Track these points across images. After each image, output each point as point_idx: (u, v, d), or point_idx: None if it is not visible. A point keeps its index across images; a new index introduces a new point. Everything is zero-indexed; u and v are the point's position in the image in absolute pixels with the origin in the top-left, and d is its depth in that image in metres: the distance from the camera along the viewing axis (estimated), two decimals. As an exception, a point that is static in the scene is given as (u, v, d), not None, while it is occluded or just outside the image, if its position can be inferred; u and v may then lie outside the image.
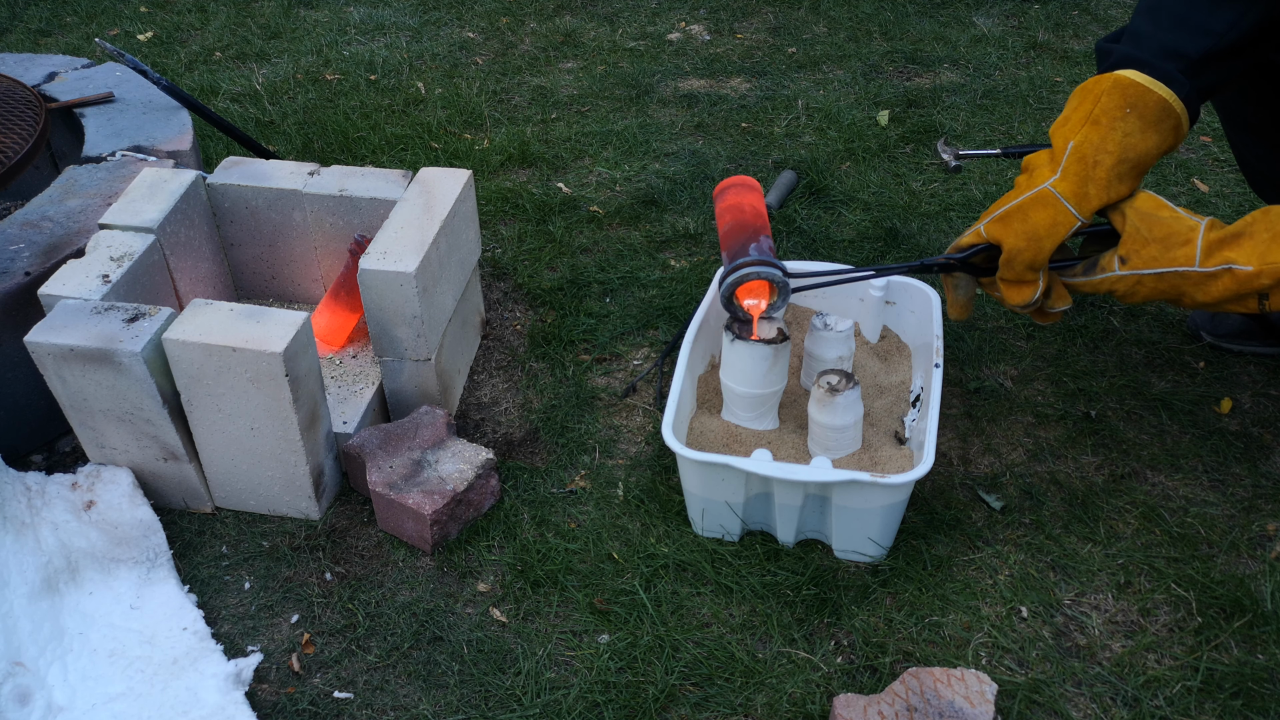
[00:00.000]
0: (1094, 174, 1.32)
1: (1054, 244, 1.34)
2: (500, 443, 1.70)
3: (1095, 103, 1.33)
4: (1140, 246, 1.31)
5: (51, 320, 1.44)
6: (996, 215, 1.38)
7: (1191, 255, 1.28)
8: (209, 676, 1.32)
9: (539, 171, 2.40)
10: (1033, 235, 1.34)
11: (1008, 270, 1.38)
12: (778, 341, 1.51)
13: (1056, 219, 1.33)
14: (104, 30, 3.23)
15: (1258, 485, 1.57)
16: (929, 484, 1.59)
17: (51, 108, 1.98)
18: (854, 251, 2.07)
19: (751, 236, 1.49)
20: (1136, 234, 1.32)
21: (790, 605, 1.43)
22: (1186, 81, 1.31)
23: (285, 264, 1.86)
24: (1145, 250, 1.31)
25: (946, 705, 1.22)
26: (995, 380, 1.77)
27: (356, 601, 1.45)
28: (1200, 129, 2.42)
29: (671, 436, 1.43)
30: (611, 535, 1.53)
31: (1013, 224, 1.36)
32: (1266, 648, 1.35)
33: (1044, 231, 1.34)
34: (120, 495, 1.51)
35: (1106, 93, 1.32)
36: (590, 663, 1.36)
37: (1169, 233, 1.30)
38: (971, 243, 1.43)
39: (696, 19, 3.16)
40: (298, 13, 3.31)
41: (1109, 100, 1.32)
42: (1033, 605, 1.42)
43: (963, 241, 1.45)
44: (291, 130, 2.57)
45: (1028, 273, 1.37)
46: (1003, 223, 1.37)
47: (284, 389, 1.41)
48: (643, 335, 1.90)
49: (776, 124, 2.56)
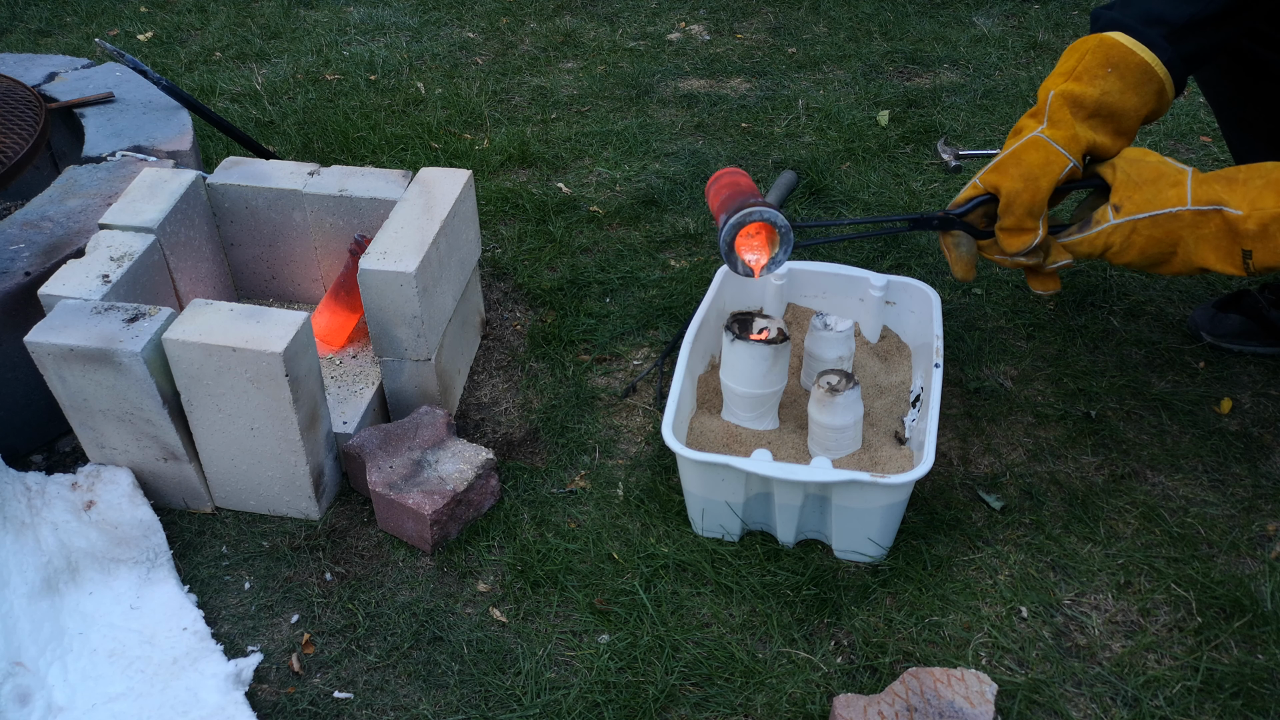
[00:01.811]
0: (1076, 117, 1.36)
1: (1049, 183, 1.35)
2: (500, 443, 1.70)
3: (1079, 60, 1.37)
4: (1132, 191, 1.34)
5: (51, 320, 1.44)
6: (991, 165, 1.41)
7: (1183, 195, 1.30)
8: (209, 676, 1.32)
9: (539, 171, 2.40)
10: (1028, 175, 1.36)
11: (1007, 216, 1.39)
12: (778, 341, 1.51)
13: (1049, 158, 1.35)
14: (104, 30, 3.23)
15: (1258, 485, 1.57)
16: (929, 484, 1.59)
17: (51, 108, 1.98)
18: (854, 251, 2.07)
19: (747, 194, 1.43)
20: (1128, 180, 1.34)
21: (790, 605, 1.43)
22: (1169, 47, 1.35)
23: (285, 264, 1.86)
24: (1138, 194, 1.33)
25: (946, 705, 1.22)
26: (995, 380, 1.77)
27: (356, 601, 1.45)
28: (1200, 129, 2.42)
29: (671, 436, 1.43)
30: (611, 535, 1.53)
31: (1007, 169, 1.38)
32: (1266, 648, 1.35)
33: (1039, 171, 1.35)
34: (120, 495, 1.51)
35: (1090, 51, 1.36)
36: (590, 663, 1.36)
37: (1159, 174, 1.33)
38: (970, 195, 1.44)
39: (696, 19, 3.16)
40: (298, 13, 3.31)
41: (1092, 59, 1.36)
42: (1033, 605, 1.42)
43: (961, 197, 1.46)
44: (291, 130, 2.57)
45: (1027, 218, 1.37)
46: (998, 170, 1.39)
47: (284, 389, 1.41)
48: (643, 335, 1.90)
49: (776, 124, 2.56)
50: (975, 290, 1.97)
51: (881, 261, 2.05)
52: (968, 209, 1.44)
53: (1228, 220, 1.28)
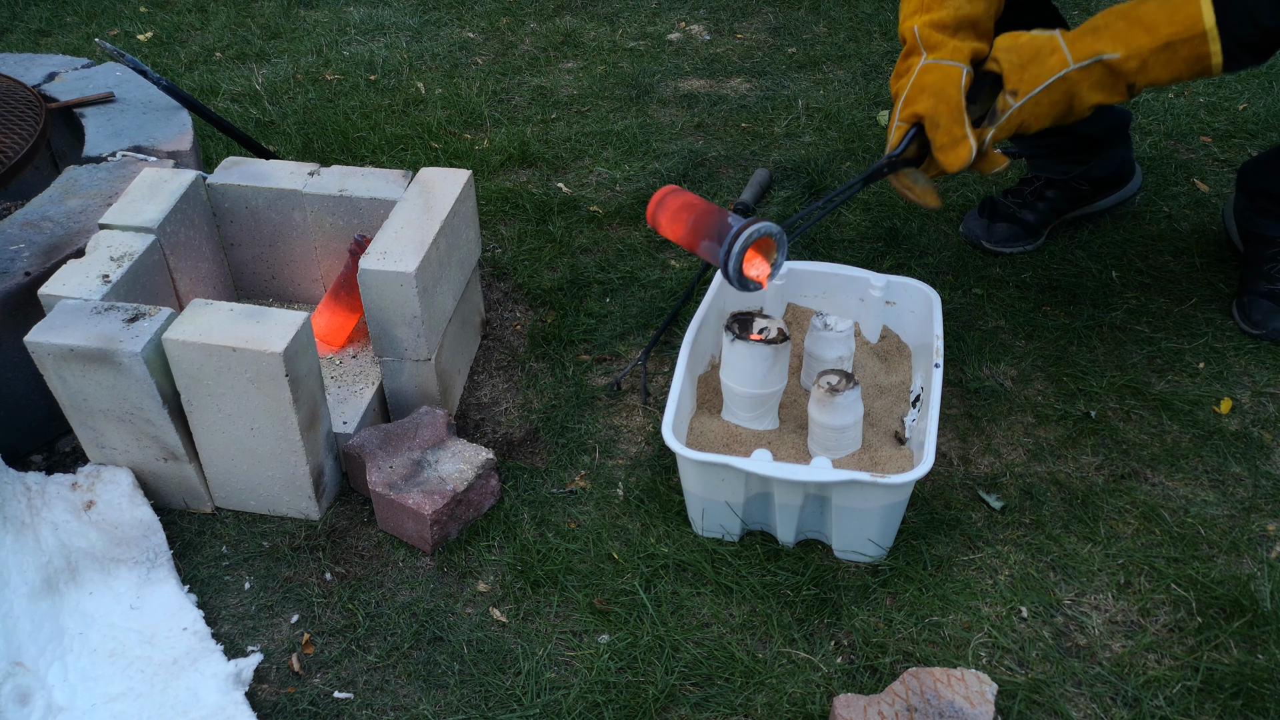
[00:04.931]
0: (947, 34, 1.52)
1: (957, 90, 1.49)
2: (500, 443, 1.70)
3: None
4: (1021, 74, 1.49)
5: (51, 320, 1.44)
6: (900, 103, 1.54)
7: (1064, 59, 1.47)
8: (209, 676, 1.32)
9: (539, 171, 2.40)
10: (936, 92, 1.49)
11: (937, 133, 1.50)
12: (778, 341, 1.51)
13: (946, 71, 1.50)
14: (104, 30, 3.23)
15: (1258, 485, 1.57)
16: (929, 484, 1.59)
17: (51, 108, 1.98)
18: (854, 251, 2.07)
19: (720, 214, 1.46)
20: (1013, 65, 1.49)
21: (790, 605, 1.43)
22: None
23: (285, 264, 1.86)
24: (1026, 74, 1.48)
25: (946, 705, 1.22)
26: (995, 380, 1.77)
27: (356, 601, 1.45)
28: (1200, 129, 2.42)
29: (671, 436, 1.43)
30: (611, 535, 1.53)
31: (917, 98, 1.51)
32: (1266, 648, 1.35)
33: (944, 83, 1.49)
34: (120, 495, 1.51)
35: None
36: (590, 663, 1.36)
37: (1036, 50, 1.48)
38: (900, 135, 1.56)
39: (696, 19, 3.16)
40: (298, 13, 3.31)
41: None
42: (1033, 605, 1.42)
43: (893, 141, 1.56)
44: (291, 130, 2.57)
45: (955, 127, 1.49)
46: (909, 103, 1.52)
47: (284, 389, 1.41)
48: (643, 335, 1.90)
49: (776, 124, 2.56)
50: (975, 290, 1.97)
51: (881, 261, 2.05)
52: (904, 146, 1.55)
53: (1108, 65, 1.45)
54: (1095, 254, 2.05)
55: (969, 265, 2.04)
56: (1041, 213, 2.05)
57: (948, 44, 1.51)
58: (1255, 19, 1.41)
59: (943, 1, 1.53)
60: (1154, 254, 2.05)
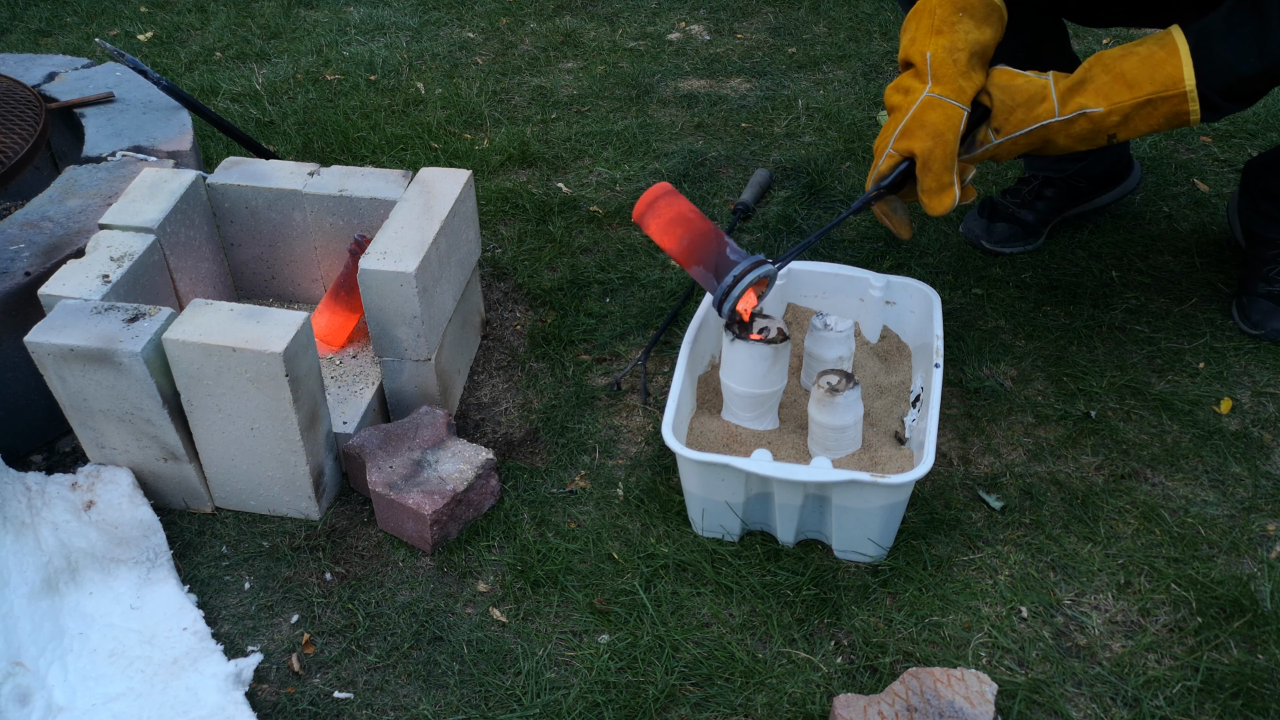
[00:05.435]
0: (958, 69, 1.51)
1: (955, 136, 1.49)
2: (500, 443, 1.70)
3: (932, 16, 1.53)
4: (1008, 115, 1.51)
5: (51, 320, 1.44)
6: (898, 133, 1.52)
7: (1051, 109, 1.49)
8: (209, 676, 1.32)
9: (539, 171, 2.40)
10: (936, 133, 1.49)
11: (927, 177, 1.51)
12: (778, 341, 1.51)
13: (948, 114, 1.49)
14: (104, 30, 3.23)
15: (1258, 485, 1.57)
16: (929, 484, 1.59)
17: (51, 108, 1.98)
18: (854, 251, 2.07)
19: (718, 241, 1.48)
20: (1003, 106, 1.51)
21: (790, 605, 1.43)
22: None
23: (285, 264, 1.86)
24: (1013, 116, 1.51)
25: (946, 705, 1.22)
26: (995, 380, 1.77)
27: (356, 601, 1.45)
28: (1200, 129, 2.42)
29: (671, 437, 1.43)
30: (611, 535, 1.53)
31: (915, 133, 1.50)
32: (1266, 648, 1.35)
33: (944, 127, 1.49)
34: (120, 495, 1.51)
35: (939, 5, 1.53)
36: (590, 663, 1.36)
37: (1029, 96, 1.50)
38: (890, 165, 1.54)
39: (696, 19, 3.16)
40: (298, 13, 3.31)
41: (942, 11, 1.52)
42: (1033, 605, 1.42)
43: (881, 170, 1.55)
44: (291, 130, 2.57)
45: (945, 173, 1.50)
46: (906, 136, 1.51)
47: (284, 389, 1.41)
48: (643, 335, 1.90)
49: (776, 124, 2.56)
50: (975, 290, 1.97)
51: (881, 261, 2.05)
52: (892, 178, 1.54)
53: (1091, 118, 1.48)
54: (1095, 254, 2.05)
55: (969, 265, 2.04)
56: (1041, 212, 2.06)
57: (955, 80, 1.50)
58: (1235, 69, 1.44)
59: (954, 25, 1.52)
60: (1154, 254, 2.05)
